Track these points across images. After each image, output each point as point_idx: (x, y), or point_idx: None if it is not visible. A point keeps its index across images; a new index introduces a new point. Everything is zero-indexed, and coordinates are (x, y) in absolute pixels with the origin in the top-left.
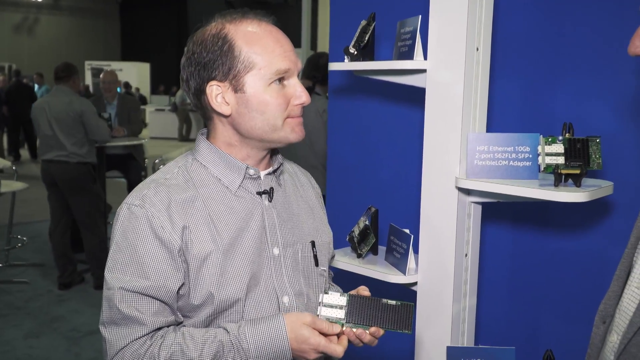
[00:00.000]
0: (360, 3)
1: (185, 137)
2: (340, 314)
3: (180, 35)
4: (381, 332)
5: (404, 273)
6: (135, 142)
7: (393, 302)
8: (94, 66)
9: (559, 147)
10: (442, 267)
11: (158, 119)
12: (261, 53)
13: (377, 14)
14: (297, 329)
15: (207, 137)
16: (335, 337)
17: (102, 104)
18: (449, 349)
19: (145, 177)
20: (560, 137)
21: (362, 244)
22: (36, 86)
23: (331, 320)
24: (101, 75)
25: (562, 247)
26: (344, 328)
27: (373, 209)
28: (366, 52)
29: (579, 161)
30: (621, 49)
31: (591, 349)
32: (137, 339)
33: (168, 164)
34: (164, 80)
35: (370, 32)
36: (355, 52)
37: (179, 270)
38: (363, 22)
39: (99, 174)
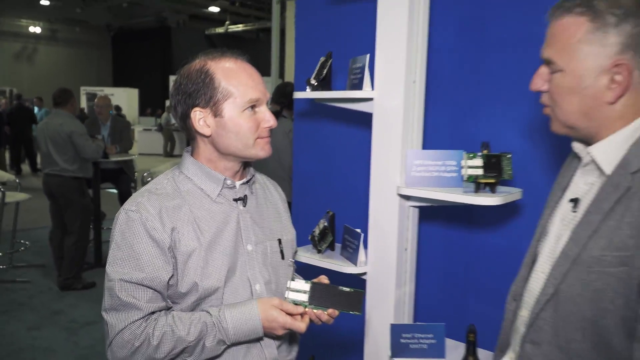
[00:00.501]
0: (320, 43)
1: (170, 153)
2: (304, 297)
3: (165, 65)
4: (337, 313)
5: (356, 265)
6: (126, 158)
7: (347, 289)
8: (89, 91)
9: (478, 161)
10: (386, 259)
11: (146, 137)
12: (236, 85)
13: (334, 52)
14: (267, 310)
15: (192, 154)
16: (299, 316)
17: (97, 125)
18: (392, 326)
19: (136, 188)
20: (480, 153)
21: (322, 242)
22: (36, 109)
23: (296, 303)
24: (95, 100)
25: (483, 241)
26: (307, 309)
27: (331, 213)
28: (324, 83)
29: (494, 172)
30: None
31: (505, 322)
32: (134, 322)
33: (159, 176)
34: (151, 103)
35: (327, 67)
36: (316, 84)
37: (168, 264)
38: (322, 59)
39: (94, 186)
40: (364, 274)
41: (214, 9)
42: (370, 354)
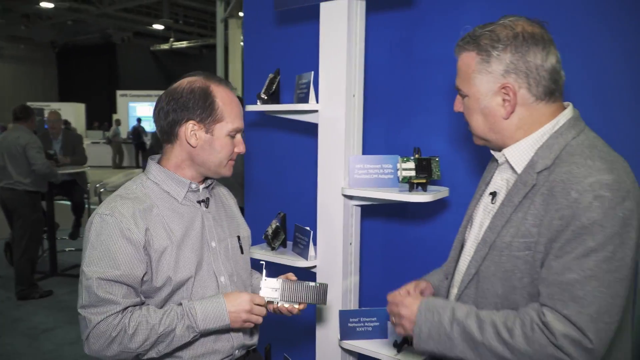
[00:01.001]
0: (266, 60)
1: (119, 165)
2: (276, 294)
3: (111, 79)
4: (305, 305)
5: (307, 259)
6: (78, 170)
7: (313, 284)
8: (36, 106)
9: (411, 164)
10: (334, 253)
11: (94, 150)
12: (229, 113)
13: (280, 69)
14: (232, 298)
15: (159, 161)
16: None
17: (49, 139)
18: (340, 312)
19: (89, 199)
20: (412, 157)
21: (275, 240)
22: None
23: (268, 299)
24: (46, 115)
25: (417, 234)
26: (279, 304)
27: (282, 214)
28: (274, 97)
29: (424, 173)
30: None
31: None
32: (110, 314)
33: (127, 183)
34: (97, 117)
35: (276, 82)
36: (266, 97)
37: (142, 262)
38: (270, 75)
39: (48, 197)
40: (314, 267)
41: (159, 27)
42: (321, 338)
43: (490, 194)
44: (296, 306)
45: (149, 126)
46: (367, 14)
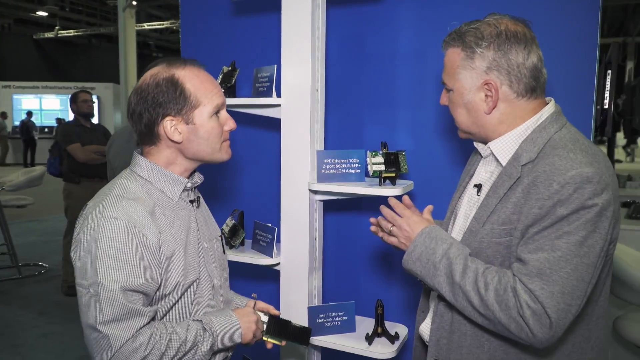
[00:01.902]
0: (210, 53)
1: (2, 162)
2: (262, 327)
3: None
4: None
5: (271, 256)
6: None
7: (298, 325)
8: None
9: (380, 159)
10: (299, 249)
11: None
12: (204, 93)
13: (221, 63)
14: (240, 311)
15: (145, 157)
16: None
17: None
18: (309, 308)
19: None
20: (381, 152)
21: (234, 238)
22: None
23: None
24: None
25: None
26: (264, 338)
27: (239, 211)
28: (230, 91)
29: (393, 167)
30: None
31: (425, 287)
32: (140, 329)
33: (119, 182)
34: None
35: (235, 76)
36: (223, 91)
37: (159, 268)
38: (225, 68)
39: None
40: (278, 264)
41: (42, 14)
42: None
43: (475, 186)
44: (279, 343)
45: (40, 120)
46: (328, 7)
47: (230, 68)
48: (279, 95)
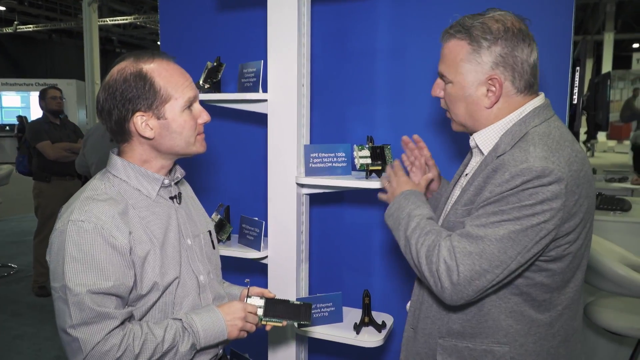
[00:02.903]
0: (191, 48)
1: None
2: (260, 311)
3: None
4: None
5: (259, 250)
6: None
7: (297, 302)
8: None
9: (366, 152)
10: (286, 242)
11: None
12: (175, 87)
13: (204, 58)
14: (226, 308)
15: (119, 155)
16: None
17: None
18: (298, 300)
19: None
20: (367, 146)
21: (221, 232)
22: None
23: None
24: None
25: (371, 219)
26: (263, 322)
27: (224, 205)
28: (216, 86)
29: (379, 161)
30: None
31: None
32: (111, 332)
33: (92, 183)
34: None
35: (221, 71)
36: (207, 86)
37: (130, 270)
38: (209, 63)
39: None
40: (265, 257)
41: (0, 8)
42: (275, 328)
43: (466, 175)
44: (279, 324)
45: (0, 118)
46: (312, 4)
47: (215, 64)
48: (265, 90)
